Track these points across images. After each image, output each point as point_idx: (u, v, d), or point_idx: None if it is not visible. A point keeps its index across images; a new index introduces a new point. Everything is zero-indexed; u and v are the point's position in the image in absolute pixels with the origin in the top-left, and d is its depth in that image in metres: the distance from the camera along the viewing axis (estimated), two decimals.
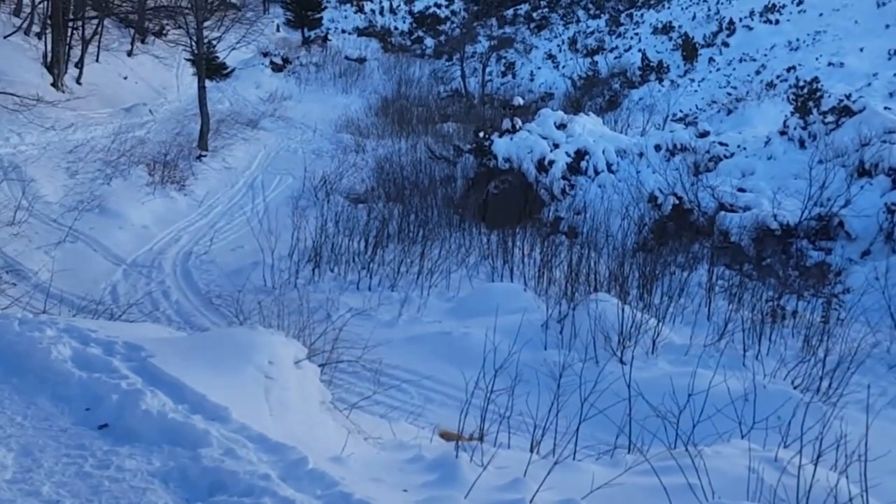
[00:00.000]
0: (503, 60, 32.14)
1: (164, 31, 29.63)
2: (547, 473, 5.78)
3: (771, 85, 26.00)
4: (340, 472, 5.38)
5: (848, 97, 19.63)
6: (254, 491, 4.85)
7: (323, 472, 5.20)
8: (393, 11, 47.16)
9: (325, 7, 41.25)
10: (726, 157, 19.10)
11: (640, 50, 33.10)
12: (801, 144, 18.78)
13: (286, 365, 7.02)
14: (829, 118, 18.82)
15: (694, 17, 36.20)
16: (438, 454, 6.52)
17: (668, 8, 38.77)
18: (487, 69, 30.44)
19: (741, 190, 17.64)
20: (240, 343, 6.99)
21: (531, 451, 7.49)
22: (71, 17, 24.07)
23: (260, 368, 6.77)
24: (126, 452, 5.36)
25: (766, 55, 30.56)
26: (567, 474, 6.17)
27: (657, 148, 20.00)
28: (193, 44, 21.85)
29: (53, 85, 22.78)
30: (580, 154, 20.19)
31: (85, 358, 6.56)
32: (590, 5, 40.40)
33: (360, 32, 42.63)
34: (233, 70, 27.58)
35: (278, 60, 33.21)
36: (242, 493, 4.85)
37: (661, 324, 12.56)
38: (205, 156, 21.32)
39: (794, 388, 10.80)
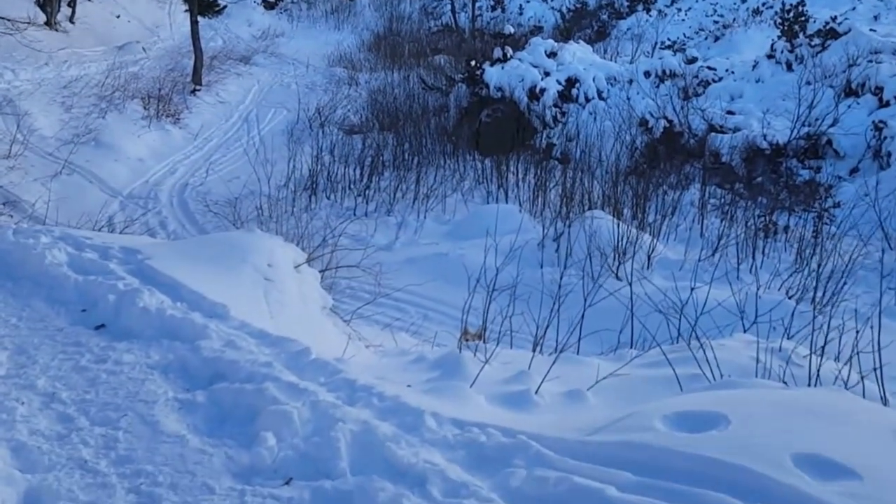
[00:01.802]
0: None
1: None
2: (552, 363, 5.57)
3: (757, 12, 25.41)
4: (343, 366, 5.13)
5: (833, 20, 19.20)
6: (255, 377, 4.61)
7: (326, 362, 4.98)
8: None
9: None
10: (714, 81, 18.69)
11: None
12: (789, 67, 18.37)
13: (285, 268, 6.76)
14: (816, 41, 18.39)
15: None
16: (441, 354, 6.29)
17: None
18: (477, 3, 29.74)
19: (730, 112, 17.28)
20: (237, 245, 6.71)
21: (533, 350, 7.29)
22: None
23: (258, 270, 6.51)
24: (124, 348, 5.11)
25: None
26: (572, 367, 5.95)
27: (646, 74, 19.56)
28: None
29: (47, 23, 22.17)
30: (571, 82, 19.74)
31: (80, 262, 6.28)
32: None
33: None
34: (224, 7, 26.79)
35: None
36: (244, 380, 4.61)
37: (655, 240, 12.33)
38: (199, 90, 20.79)
39: (789, 297, 10.63)
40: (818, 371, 5.25)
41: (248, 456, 3.89)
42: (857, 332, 5.70)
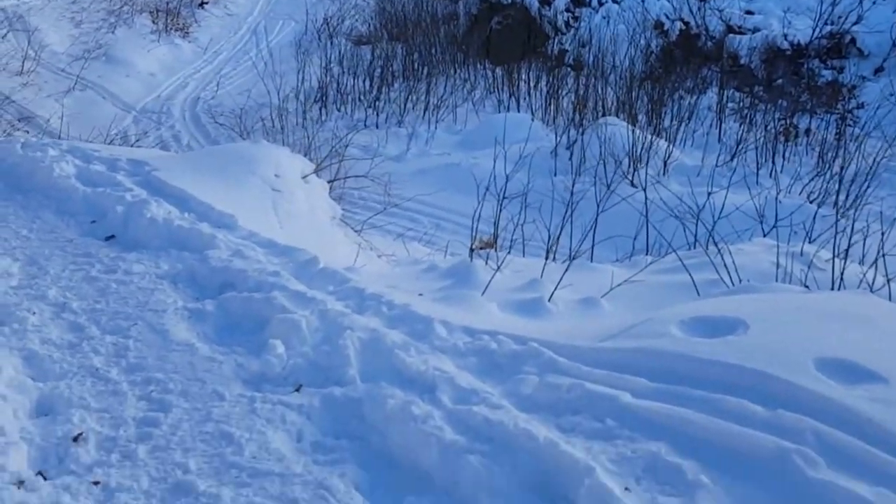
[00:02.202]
0: None
1: None
2: (564, 271, 5.48)
3: None
4: (352, 275, 5.07)
5: None
6: (264, 286, 4.55)
7: (334, 271, 4.91)
8: None
9: None
10: None
11: None
12: None
13: (293, 179, 6.67)
14: None
15: None
16: (453, 263, 6.22)
17: None
18: None
19: (749, 13, 16.77)
20: (244, 156, 6.60)
21: (546, 258, 7.21)
22: None
23: (266, 181, 6.42)
24: (133, 258, 5.07)
25: None
26: (585, 275, 5.87)
27: None
28: None
29: None
30: None
31: (88, 174, 6.22)
32: None
33: None
34: None
35: None
36: (252, 289, 4.56)
37: (671, 146, 12.11)
38: (206, 3, 20.37)
39: (810, 202, 10.45)
40: (842, 275, 5.14)
41: (258, 364, 3.85)
42: (883, 234, 5.57)
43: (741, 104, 14.44)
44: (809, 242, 6.23)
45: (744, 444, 3.02)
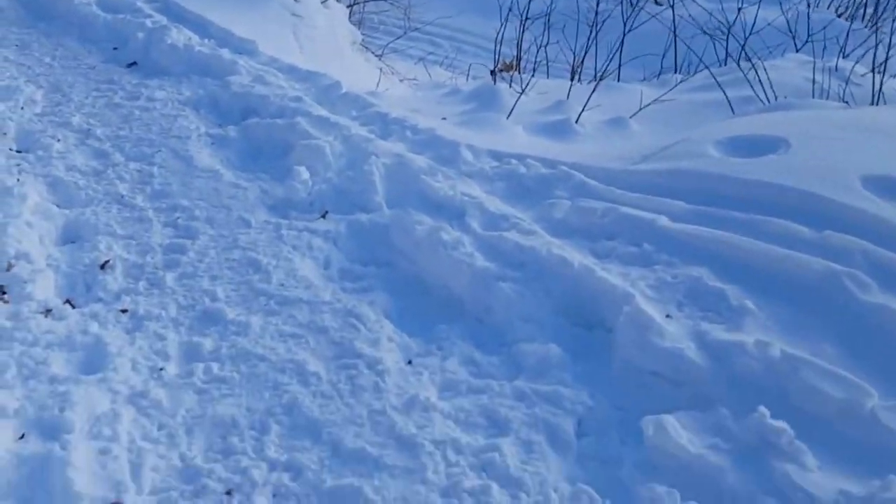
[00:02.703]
0: None
1: None
2: (591, 92, 5.11)
3: None
4: (375, 99, 4.74)
5: None
6: (286, 112, 4.25)
7: (357, 95, 4.58)
8: None
9: None
10: None
11: None
12: None
13: (313, 3, 6.22)
14: None
15: None
16: (476, 86, 5.86)
17: None
18: None
19: None
20: None
21: (571, 79, 6.81)
22: None
23: (285, 5, 6.00)
24: (155, 85, 4.75)
25: None
26: (613, 95, 5.48)
27: None
28: None
29: None
30: None
31: (109, 1, 5.82)
32: None
33: None
34: None
35: None
36: (274, 114, 4.26)
37: None
38: None
39: (839, 16, 9.81)
40: (881, 89, 4.75)
41: (283, 189, 3.61)
42: None
43: None
44: (844, 57, 5.77)
45: (790, 268, 2.78)
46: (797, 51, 6.15)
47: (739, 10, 6.20)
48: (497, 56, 6.63)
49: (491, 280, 2.88)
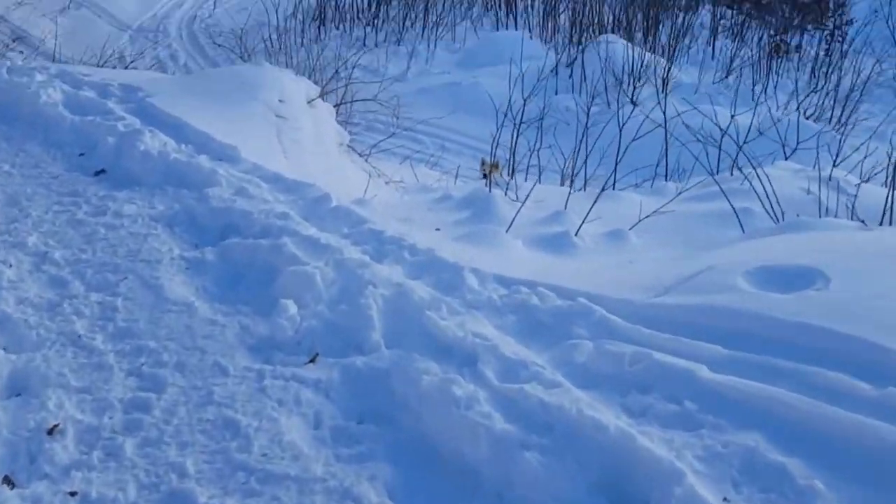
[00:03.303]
0: None
1: None
2: (593, 203, 4.71)
3: None
4: (366, 212, 4.28)
5: None
6: (271, 231, 3.74)
7: (348, 210, 4.10)
8: None
9: None
10: None
11: None
12: None
13: (298, 104, 5.80)
14: None
15: None
16: (468, 192, 5.44)
17: None
18: None
19: None
20: (246, 80, 5.71)
21: (562, 184, 6.43)
22: None
23: (269, 107, 5.55)
24: (125, 197, 4.23)
25: None
26: (609, 204, 5.10)
27: None
28: None
29: None
30: None
31: (77, 101, 5.33)
32: None
33: None
34: None
35: None
36: (258, 234, 3.75)
37: (670, 63, 11.19)
38: None
39: (807, 118, 9.65)
40: (891, 207, 4.37)
41: (267, 326, 3.08)
42: None
43: (733, 21, 13.44)
44: (834, 166, 5.43)
45: (855, 434, 2.29)
46: (786, 158, 5.82)
47: (732, 117, 5.86)
48: (492, 157, 6.24)
49: (513, 447, 2.36)
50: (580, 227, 4.50)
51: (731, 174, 5.39)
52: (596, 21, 13.14)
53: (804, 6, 13.80)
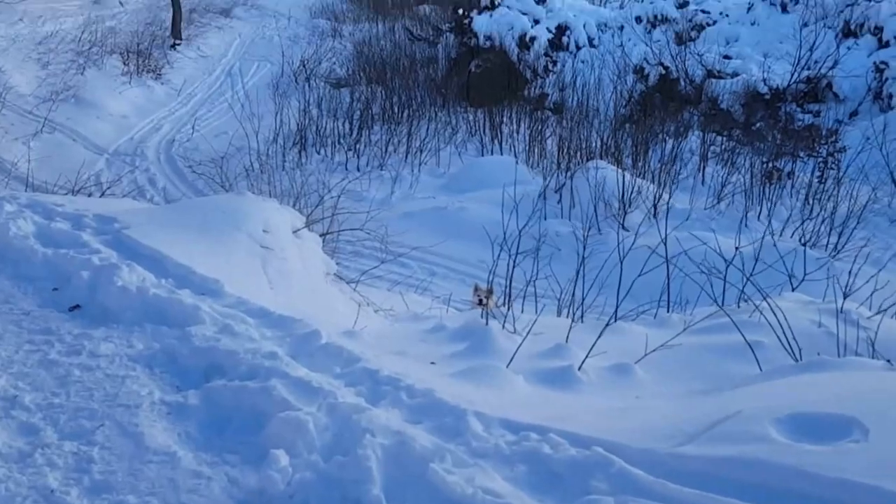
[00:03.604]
0: None
1: None
2: (597, 338, 4.66)
3: None
4: (358, 346, 4.22)
5: None
6: (258, 372, 3.67)
7: (340, 347, 4.04)
8: None
9: None
10: (709, 24, 17.65)
11: None
12: (784, 9, 17.36)
13: (283, 234, 5.82)
14: None
15: None
16: (463, 323, 5.41)
17: None
18: None
19: (727, 57, 16.28)
20: (228, 211, 5.74)
21: (559, 314, 6.41)
22: None
23: (253, 237, 5.56)
24: (101, 335, 4.16)
25: None
26: (611, 337, 5.05)
27: (638, 20, 18.51)
28: None
29: None
30: (561, 29, 18.65)
31: (50, 233, 5.30)
32: None
33: None
34: None
35: None
36: (245, 375, 3.67)
37: (661, 190, 11.43)
38: (179, 44, 19.51)
39: (802, 244, 9.81)
40: None
41: (256, 478, 2.97)
42: None
43: (723, 147, 13.86)
44: (845, 298, 5.43)
45: None
46: (793, 289, 5.85)
47: (737, 249, 5.93)
48: (488, 284, 6.24)
49: None
50: (584, 362, 4.46)
51: (738, 306, 5.39)
52: (584, 146, 13.48)
53: (795, 133, 14.28)
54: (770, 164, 12.35)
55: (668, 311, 5.97)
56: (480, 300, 7.42)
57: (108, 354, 3.95)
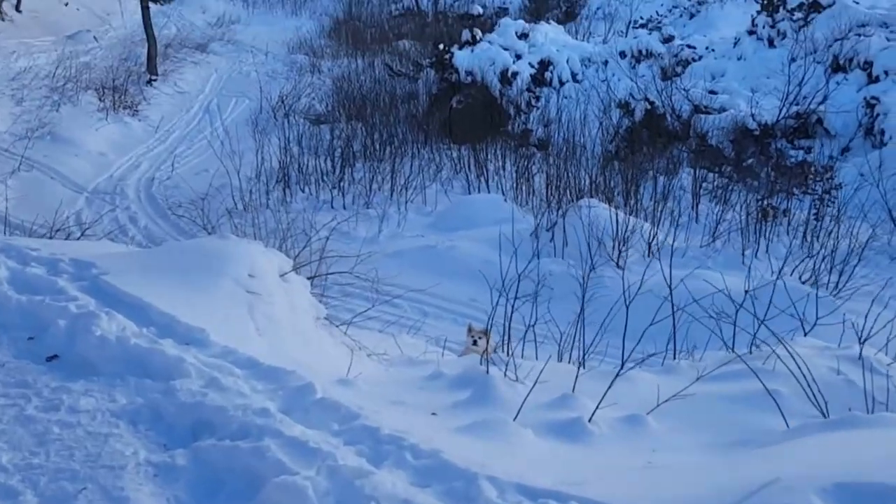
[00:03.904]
0: None
1: None
2: (608, 387, 4.50)
3: None
4: (355, 398, 4.06)
5: None
6: (250, 430, 3.48)
7: (336, 402, 3.86)
8: None
9: None
10: (695, 60, 17.72)
11: None
12: (771, 43, 17.47)
13: (270, 278, 5.64)
14: (798, 15, 17.48)
15: None
16: (462, 371, 5.26)
17: None
18: None
19: (713, 92, 16.31)
20: (212, 254, 5.56)
21: (559, 359, 6.26)
22: None
23: (239, 282, 5.38)
24: (81, 388, 3.97)
25: None
26: (620, 386, 4.90)
27: (622, 55, 18.56)
28: None
29: None
30: (544, 64, 18.67)
31: (24, 279, 5.09)
32: None
33: None
34: None
35: None
36: (236, 434, 3.49)
37: (656, 228, 11.36)
38: (155, 80, 19.38)
39: (802, 283, 9.74)
40: None
41: None
42: None
43: (714, 184, 13.84)
44: (862, 344, 5.31)
45: None
46: (805, 335, 5.71)
47: (747, 292, 5.80)
48: (488, 326, 6.10)
49: None
50: (594, 413, 4.31)
51: (751, 352, 5.26)
52: (573, 184, 13.41)
53: (787, 170, 14.28)
54: (765, 202, 12.31)
55: (674, 358, 5.81)
56: (475, 341, 7.27)
57: (89, 410, 3.76)
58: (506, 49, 18.88)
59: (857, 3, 17.09)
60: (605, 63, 18.52)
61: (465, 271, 10.69)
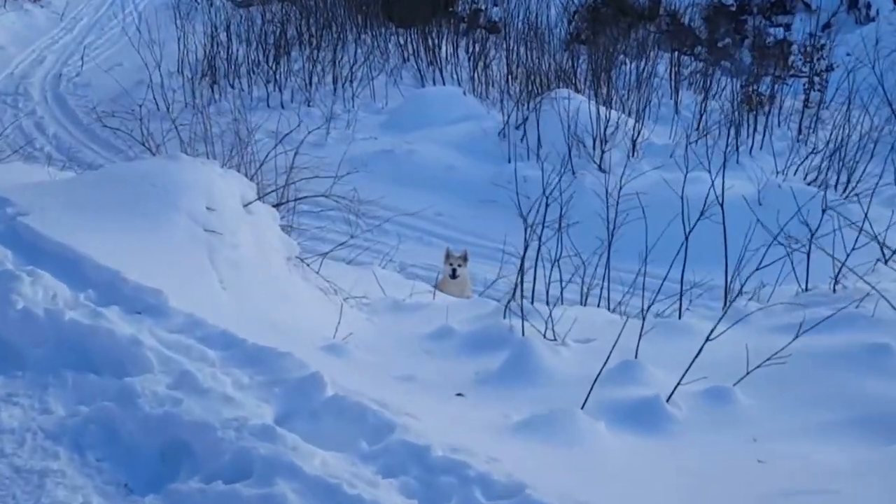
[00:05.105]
0: None
1: None
2: (696, 356, 3.57)
3: None
4: (360, 380, 3.18)
5: None
6: (252, 465, 2.48)
7: (359, 405, 2.86)
8: None
9: None
10: None
11: None
12: None
13: (233, 210, 4.56)
14: None
15: None
16: (478, 325, 4.36)
17: None
18: None
19: None
20: (159, 181, 4.42)
21: (583, 302, 5.38)
22: None
23: (195, 218, 4.30)
24: (1, 394, 2.92)
25: None
26: (680, 342, 4.07)
27: None
28: None
29: None
30: None
31: None
32: None
33: None
34: None
35: None
36: (229, 469, 2.49)
37: (640, 123, 10.44)
38: None
39: (808, 184, 8.99)
40: None
41: None
42: None
43: (691, 70, 12.93)
44: None
45: None
46: (885, 262, 4.77)
47: (824, 210, 4.89)
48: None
49: None
50: (673, 392, 3.45)
51: (833, 290, 4.42)
52: (538, 71, 12.31)
53: (766, 51, 13.42)
54: (750, 89, 11.44)
55: (725, 297, 4.87)
56: (454, 270, 6.41)
57: (14, 429, 2.73)
58: None
59: None
60: None
61: (427, 179, 9.70)
